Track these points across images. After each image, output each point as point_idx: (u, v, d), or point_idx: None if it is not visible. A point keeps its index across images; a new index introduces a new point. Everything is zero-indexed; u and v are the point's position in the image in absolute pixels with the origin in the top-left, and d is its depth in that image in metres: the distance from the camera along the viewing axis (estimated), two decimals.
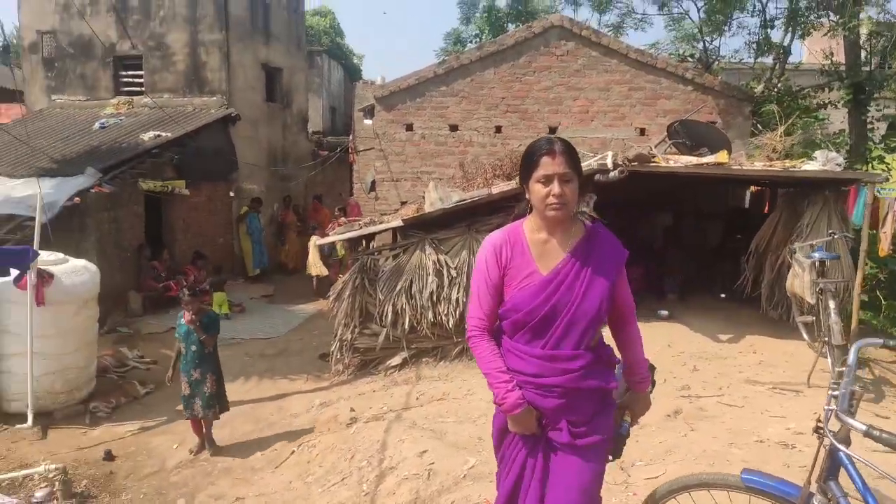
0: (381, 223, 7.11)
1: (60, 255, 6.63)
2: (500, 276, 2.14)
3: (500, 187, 6.79)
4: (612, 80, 9.35)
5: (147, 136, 10.40)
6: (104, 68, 12.63)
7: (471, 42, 23.43)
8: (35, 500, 4.80)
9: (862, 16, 8.80)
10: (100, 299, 6.84)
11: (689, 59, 14.22)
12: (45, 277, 6.02)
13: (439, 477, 3.96)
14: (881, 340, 1.97)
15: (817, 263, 4.90)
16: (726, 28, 12.84)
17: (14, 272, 5.92)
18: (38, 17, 12.92)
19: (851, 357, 1.86)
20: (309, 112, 16.00)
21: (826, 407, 1.83)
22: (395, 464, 4.35)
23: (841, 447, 1.77)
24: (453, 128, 9.67)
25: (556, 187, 2.01)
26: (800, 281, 5.03)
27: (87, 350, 6.55)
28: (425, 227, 6.81)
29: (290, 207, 13.37)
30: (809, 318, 5.14)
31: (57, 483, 4.87)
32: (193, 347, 5.38)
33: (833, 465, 1.85)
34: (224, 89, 12.11)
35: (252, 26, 12.91)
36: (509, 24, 22.64)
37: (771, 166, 5.86)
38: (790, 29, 11.09)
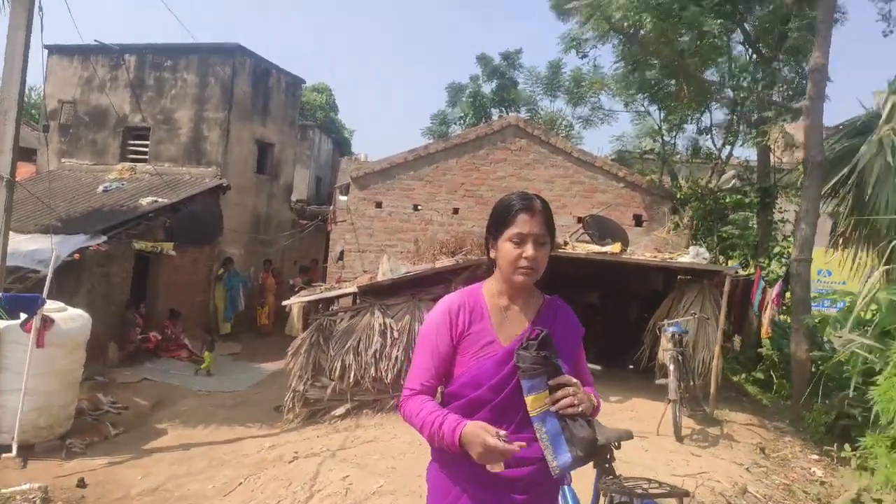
0: (338, 289, 8.21)
1: (60, 304, 7.65)
2: (451, 345, 1.92)
3: (443, 262, 8.00)
4: (556, 174, 10.70)
5: (145, 201, 11.62)
6: (114, 137, 14.03)
7: (455, 123, 25.12)
8: None
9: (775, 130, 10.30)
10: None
11: (650, 153, 15.75)
12: (47, 322, 7.03)
13: (354, 493, 4.95)
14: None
15: (674, 335, 6.03)
16: (681, 128, 14.45)
17: (23, 316, 6.93)
18: (62, 88, 14.44)
19: None
20: (296, 181, 17.37)
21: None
22: (322, 487, 5.30)
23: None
24: (416, 207, 10.93)
25: (529, 249, 1.87)
26: (662, 350, 6.15)
27: (70, 390, 7.46)
28: (377, 294, 7.92)
29: (269, 271, 14.48)
30: (664, 381, 6.20)
31: (38, 501, 5.75)
32: None
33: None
34: (220, 161, 13.45)
35: (252, 107, 14.40)
36: (492, 109, 24.47)
37: (654, 257, 7.08)
38: (724, 137, 12.67)
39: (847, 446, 6.27)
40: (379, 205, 11.05)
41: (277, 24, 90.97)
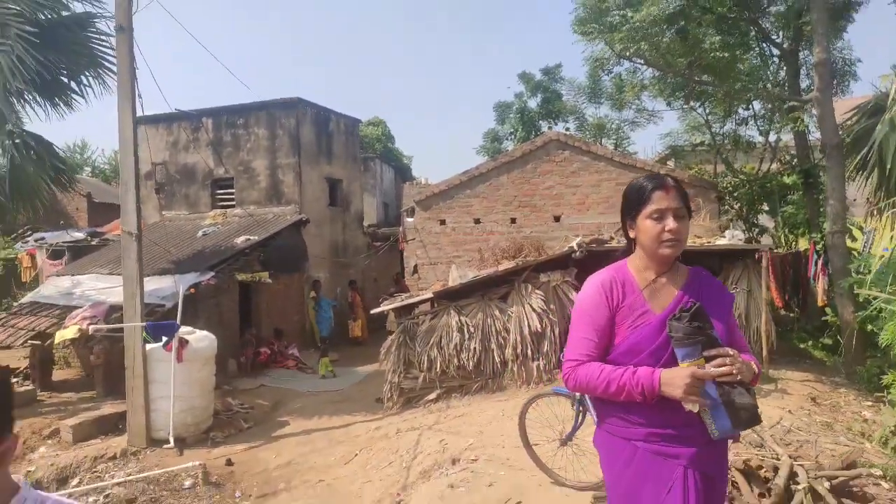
0: (417, 297, 9.48)
1: (190, 328, 9.24)
2: (609, 316, 2.04)
3: (505, 265, 9.14)
4: (601, 178, 11.73)
5: (239, 240, 13.32)
6: (204, 188, 15.95)
7: (507, 139, 26.30)
8: (184, 488, 7.14)
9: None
10: None
11: (701, 145, 16.37)
12: (183, 343, 8.59)
13: (450, 450, 6.12)
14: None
15: None
16: (728, 119, 14.99)
17: (163, 339, 8.52)
18: (153, 152, 16.49)
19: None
20: (364, 209, 18.97)
21: None
22: (423, 449, 6.51)
23: None
24: (477, 221, 12.15)
25: (670, 222, 1.96)
26: None
27: (207, 395, 8.99)
28: (450, 298, 9.14)
29: (356, 290, 15.99)
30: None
31: (199, 475, 7.19)
32: None
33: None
34: (296, 199, 15.11)
35: (318, 149, 16.09)
36: (541, 122, 25.49)
37: (692, 243, 8.01)
38: (759, 126, 13.39)
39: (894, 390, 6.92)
40: (443, 222, 12.34)
41: (330, 70, 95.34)
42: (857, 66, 11.95)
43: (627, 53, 10.07)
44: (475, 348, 8.69)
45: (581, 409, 4.18)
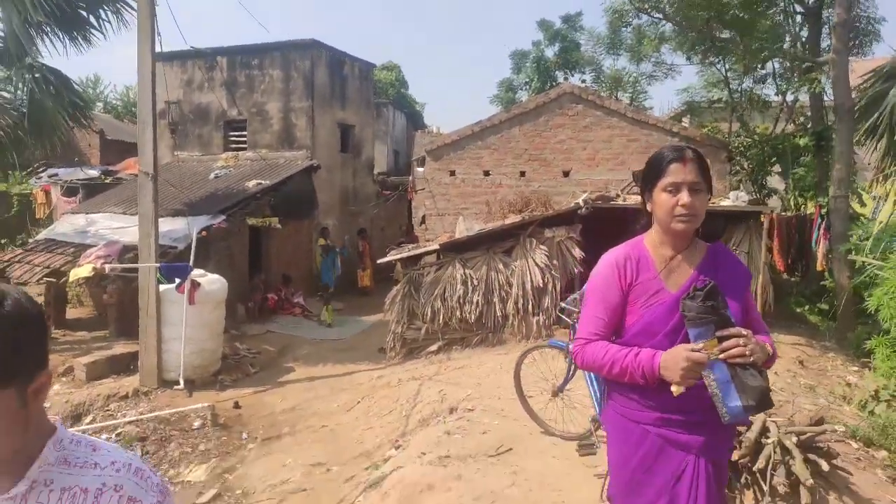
0: (423, 248, 9.60)
1: (202, 271, 9.44)
2: (621, 295, 2.01)
3: (511, 219, 9.20)
4: (613, 133, 11.61)
5: (251, 184, 13.41)
6: (217, 130, 15.94)
7: (521, 89, 25.86)
8: (194, 428, 7.48)
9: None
10: None
11: (718, 102, 16.12)
12: (195, 285, 8.81)
13: (448, 400, 6.35)
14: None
15: None
16: (748, 76, 14.67)
17: (176, 280, 8.73)
18: (166, 90, 16.40)
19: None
20: (375, 155, 18.94)
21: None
22: (423, 399, 6.75)
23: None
24: (486, 173, 12.14)
25: (684, 196, 1.91)
26: None
27: (217, 339, 9.27)
28: (456, 250, 9.25)
29: (366, 238, 16.13)
30: None
31: (208, 416, 7.52)
32: None
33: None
34: (309, 144, 15.09)
35: (331, 94, 15.94)
36: (557, 72, 24.99)
37: None
38: (777, 85, 13.10)
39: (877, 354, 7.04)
40: (453, 173, 12.34)
41: (347, 10, 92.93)
42: (882, 24, 11.60)
43: (647, 6, 9.81)
44: (478, 301, 8.85)
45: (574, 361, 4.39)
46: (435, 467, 4.28)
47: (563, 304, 4.42)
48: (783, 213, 10.98)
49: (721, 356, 1.84)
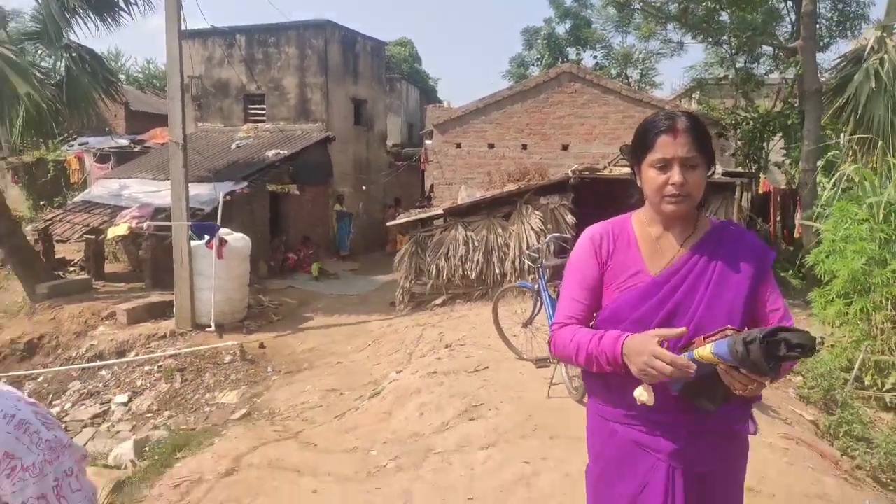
0: (429, 212, 10.54)
1: (228, 230, 10.46)
2: (598, 273, 1.77)
3: (509, 188, 10.10)
4: (609, 110, 12.43)
5: (270, 153, 14.36)
6: (237, 103, 16.87)
7: (533, 65, 26.44)
8: (225, 362, 8.54)
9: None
10: None
11: (724, 79, 16.74)
12: (223, 242, 9.82)
13: (445, 339, 7.36)
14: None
15: None
16: (747, 55, 15.26)
17: (205, 237, 9.75)
18: (189, 65, 17.29)
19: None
20: (389, 128, 19.83)
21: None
22: (424, 339, 7.75)
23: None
24: (490, 146, 13.01)
25: (675, 175, 1.63)
26: None
27: (242, 289, 10.31)
28: (459, 214, 10.18)
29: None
30: None
31: (237, 352, 8.57)
32: None
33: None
34: (323, 118, 16.00)
35: (344, 70, 16.80)
36: (568, 49, 25.56)
37: None
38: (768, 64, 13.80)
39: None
40: (459, 145, 13.22)
41: None
42: (871, 8, 12.29)
43: None
44: (478, 260, 9.79)
45: (538, 298, 5.31)
46: (424, 378, 5.30)
47: (527, 252, 5.40)
48: (782, 187, 11.79)
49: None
